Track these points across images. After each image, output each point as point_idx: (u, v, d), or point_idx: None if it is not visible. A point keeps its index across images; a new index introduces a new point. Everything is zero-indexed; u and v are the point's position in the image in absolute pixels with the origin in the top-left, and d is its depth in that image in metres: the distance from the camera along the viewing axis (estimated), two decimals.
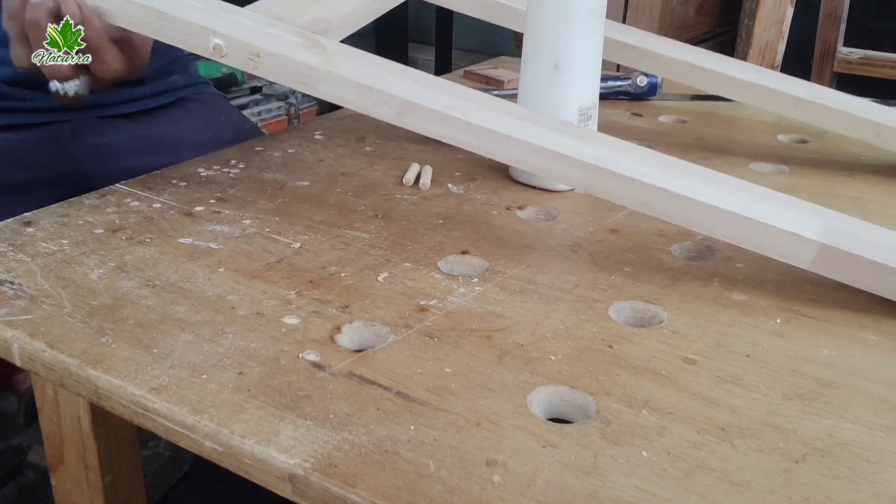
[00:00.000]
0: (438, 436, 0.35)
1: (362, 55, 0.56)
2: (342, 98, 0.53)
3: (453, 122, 0.51)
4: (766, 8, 1.43)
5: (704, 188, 0.49)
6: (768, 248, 0.48)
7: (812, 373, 0.41)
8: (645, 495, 0.32)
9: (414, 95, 0.52)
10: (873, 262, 0.46)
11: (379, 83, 0.52)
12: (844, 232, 0.48)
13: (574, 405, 0.38)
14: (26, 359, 0.42)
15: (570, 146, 0.50)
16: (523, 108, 0.56)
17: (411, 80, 0.54)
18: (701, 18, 1.71)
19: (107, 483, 0.53)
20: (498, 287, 0.48)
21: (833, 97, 0.72)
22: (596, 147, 0.51)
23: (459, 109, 0.51)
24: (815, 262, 0.47)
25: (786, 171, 0.70)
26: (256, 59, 0.53)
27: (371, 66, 0.54)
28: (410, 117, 0.52)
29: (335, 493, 0.32)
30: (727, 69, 0.73)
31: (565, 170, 0.50)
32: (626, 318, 0.46)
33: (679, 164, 0.51)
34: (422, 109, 0.51)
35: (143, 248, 0.52)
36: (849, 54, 1.62)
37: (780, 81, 0.73)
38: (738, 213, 0.47)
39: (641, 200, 0.49)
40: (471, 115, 0.51)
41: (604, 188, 0.50)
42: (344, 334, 0.43)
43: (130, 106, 0.83)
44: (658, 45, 0.75)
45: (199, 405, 0.37)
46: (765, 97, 0.72)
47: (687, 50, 0.76)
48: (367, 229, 0.56)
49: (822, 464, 0.34)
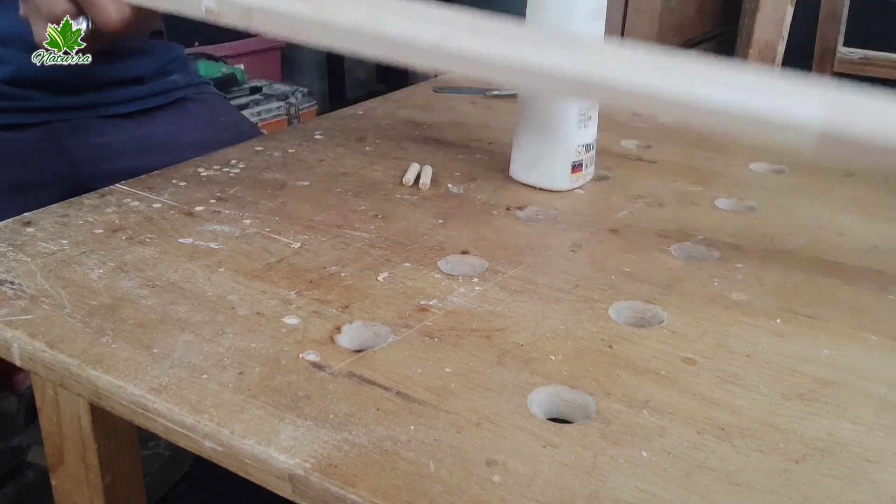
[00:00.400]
0: (438, 436, 0.35)
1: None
2: (336, 45, 0.53)
3: (449, 55, 0.49)
4: (766, 8, 1.43)
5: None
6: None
7: (812, 373, 0.41)
8: (645, 495, 0.32)
9: (406, 33, 0.51)
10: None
11: (370, 26, 0.52)
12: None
13: (574, 405, 0.38)
14: (26, 359, 0.42)
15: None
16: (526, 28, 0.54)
17: (405, 17, 0.53)
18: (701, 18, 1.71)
19: (107, 483, 0.53)
20: (498, 287, 0.48)
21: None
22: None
23: (455, 40, 0.49)
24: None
25: (785, 171, 0.70)
26: (249, 15, 0.53)
27: (364, 8, 0.54)
28: (405, 55, 0.51)
29: (335, 493, 0.32)
30: None
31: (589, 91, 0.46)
32: (626, 318, 0.46)
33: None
34: (414, 46, 0.50)
35: (143, 248, 0.52)
36: (849, 54, 1.62)
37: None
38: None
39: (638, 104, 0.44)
40: (466, 44, 0.49)
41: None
42: (344, 334, 0.43)
43: (130, 106, 0.83)
44: None
45: (199, 405, 0.37)
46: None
47: None
48: (367, 229, 0.56)
49: (822, 464, 0.34)
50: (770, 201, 0.63)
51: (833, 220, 0.60)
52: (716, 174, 0.69)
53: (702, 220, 0.59)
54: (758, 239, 0.56)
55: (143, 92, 0.84)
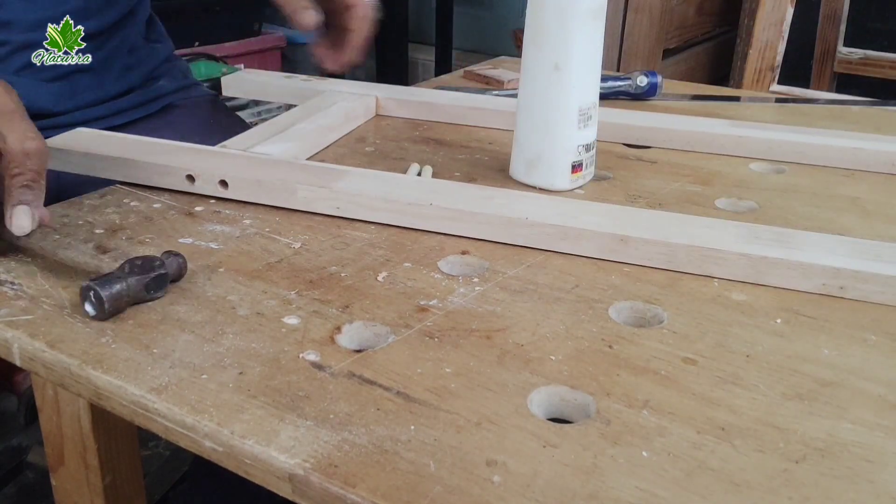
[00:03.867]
0: (438, 436, 0.35)
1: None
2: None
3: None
4: (766, 8, 1.43)
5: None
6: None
7: (812, 373, 0.41)
8: (645, 495, 0.32)
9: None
10: None
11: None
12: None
13: (574, 405, 0.38)
14: (26, 359, 0.42)
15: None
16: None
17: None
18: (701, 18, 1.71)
19: (107, 483, 0.53)
20: (498, 287, 0.48)
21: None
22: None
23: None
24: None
25: (785, 171, 0.70)
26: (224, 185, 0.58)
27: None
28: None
29: (335, 493, 0.32)
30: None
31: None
32: (626, 318, 0.46)
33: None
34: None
35: (143, 248, 0.52)
36: (849, 54, 1.62)
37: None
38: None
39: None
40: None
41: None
42: (344, 334, 0.43)
43: (116, 119, 0.81)
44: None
45: (199, 405, 0.37)
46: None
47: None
48: (367, 229, 0.56)
49: (822, 464, 0.34)
50: (770, 201, 0.63)
51: (833, 221, 0.60)
52: (716, 174, 0.69)
53: None
54: None
55: (129, 103, 0.82)
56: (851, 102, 0.96)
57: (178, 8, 1.89)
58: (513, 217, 0.53)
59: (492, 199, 0.55)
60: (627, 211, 0.55)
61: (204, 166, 0.59)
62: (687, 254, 0.50)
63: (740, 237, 0.51)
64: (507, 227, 0.53)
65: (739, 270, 0.49)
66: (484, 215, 0.54)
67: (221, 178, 0.58)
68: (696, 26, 1.69)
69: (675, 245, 0.50)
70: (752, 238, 0.51)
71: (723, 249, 0.49)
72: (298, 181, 0.57)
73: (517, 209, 0.54)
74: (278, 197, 0.57)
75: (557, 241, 0.53)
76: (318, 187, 0.56)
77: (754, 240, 0.50)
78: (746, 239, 0.50)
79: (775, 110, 0.90)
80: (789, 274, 0.48)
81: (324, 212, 0.57)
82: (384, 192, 0.56)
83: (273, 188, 0.57)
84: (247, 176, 0.58)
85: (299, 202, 0.57)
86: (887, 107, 0.93)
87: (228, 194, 0.58)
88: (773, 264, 0.49)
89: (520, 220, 0.53)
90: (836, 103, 0.95)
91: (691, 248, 0.50)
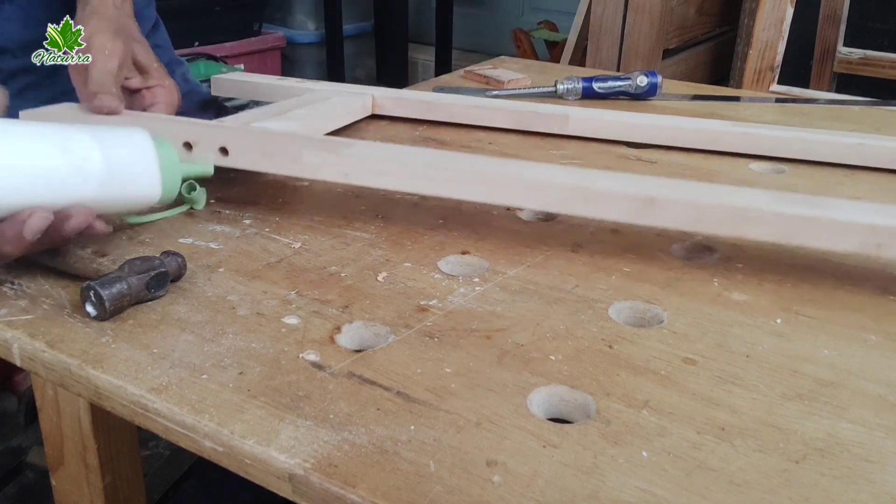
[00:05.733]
0: (438, 436, 0.35)
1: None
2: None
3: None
4: (766, 8, 1.43)
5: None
6: None
7: (812, 373, 0.41)
8: (645, 495, 0.32)
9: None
10: None
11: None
12: None
13: (574, 405, 0.38)
14: (26, 359, 0.42)
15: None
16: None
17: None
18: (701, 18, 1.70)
19: (107, 483, 0.53)
20: (498, 287, 0.48)
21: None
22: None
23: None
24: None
25: (785, 171, 0.70)
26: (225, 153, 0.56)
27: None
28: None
29: (335, 493, 0.32)
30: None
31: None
32: (626, 318, 0.46)
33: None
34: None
35: (143, 248, 0.52)
36: (849, 54, 1.62)
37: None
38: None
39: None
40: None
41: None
42: (344, 334, 0.43)
43: None
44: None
45: (200, 405, 0.37)
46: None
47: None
48: (367, 229, 0.56)
49: (822, 464, 0.34)
50: None
51: None
52: (716, 174, 0.69)
53: None
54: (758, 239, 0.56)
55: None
56: (851, 102, 0.96)
57: (178, 8, 1.89)
58: (533, 179, 0.50)
59: (507, 166, 0.53)
60: (649, 178, 0.52)
61: (202, 133, 0.56)
62: (718, 214, 0.48)
63: (771, 200, 0.49)
64: (527, 189, 0.50)
65: (773, 230, 0.47)
66: (501, 177, 0.51)
67: (222, 146, 0.55)
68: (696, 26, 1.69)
69: (705, 205, 0.48)
70: (783, 201, 0.49)
71: (757, 208, 0.47)
72: (303, 146, 0.54)
73: (536, 174, 0.51)
74: (282, 163, 0.54)
75: (578, 204, 0.50)
76: (326, 152, 0.53)
77: (785, 203, 0.48)
78: (777, 202, 0.48)
79: (775, 110, 0.90)
80: (825, 233, 0.47)
81: (330, 178, 0.54)
82: (394, 155, 0.53)
83: (276, 154, 0.54)
84: (248, 142, 0.55)
85: (305, 169, 0.54)
86: (887, 107, 0.93)
87: (228, 162, 0.56)
88: (809, 223, 0.47)
89: (540, 181, 0.50)
90: (836, 103, 0.95)
91: (723, 208, 0.48)
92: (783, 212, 0.47)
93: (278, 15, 2.37)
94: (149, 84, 0.64)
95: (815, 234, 0.47)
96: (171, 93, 0.64)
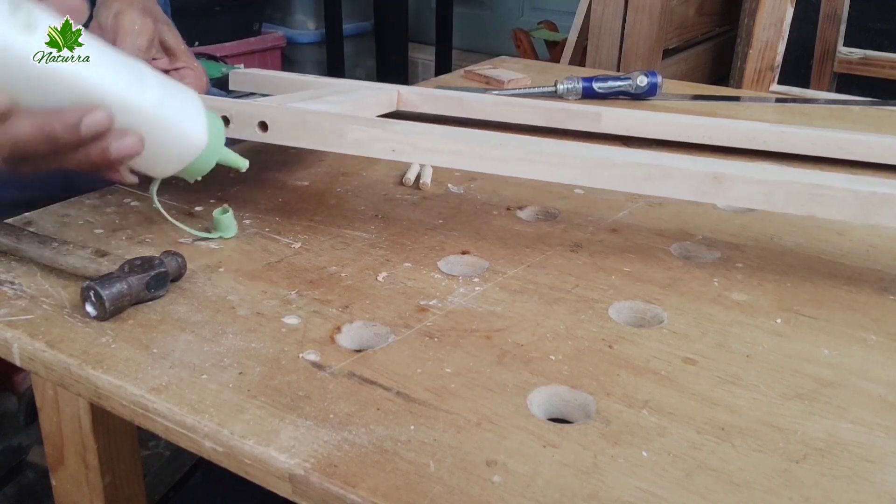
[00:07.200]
0: (438, 436, 0.35)
1: None
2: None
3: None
4: (766, 8, 1.43)
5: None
6: None
7: (812, 373, 0.41)
8: (645, 495, 0.32)
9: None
10: None
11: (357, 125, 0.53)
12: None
13: (574, 405, 0.38)
14: (26, 359, 0.42)
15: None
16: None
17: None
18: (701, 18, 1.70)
19: (107, 483, 0.53)
20: (498, 287, 0.48)
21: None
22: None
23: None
24: None
25: None
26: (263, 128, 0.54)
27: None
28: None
29: (335, 493, 0.32)
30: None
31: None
32: (626, 318, 0.46)
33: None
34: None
35: (143, 248, 0.52)
36: (849, 54, 1.62)
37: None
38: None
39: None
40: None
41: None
42: (344, 334, 0.43)
43: None
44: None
45: (199, 405, 0.37)
46: None
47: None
48: (367, 229, 0.56)
49: (822, 464, 0.34)
50: None
51: (833, 220, 0.60)
52: None
53: (702, 220, 0.59)
54: (758, 239, 0.56)
55: None
56: (851, 102, 0.96)
57: (179, 8, 1.89)
58: (594, 157, 0.49)
59: (566, 145, 0.52)
60: (711, 159, 0.50)
61: (241, 108, 0.54)
62: (787, 192, 0.46)
63: (844, 179, 0.47)
64: (589, 167, 0.49)
65: (846, 209, 0.46)
66: (563, 155, 0.49)
67: (261, 120, 0.53)
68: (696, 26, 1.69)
69: (774, 182, 0.46)
70: (856, 181, 0.47)
71: (829, 185, 0.45)
72: (348, 122, 0.52)
73: (598, 150, 0.49)
74: (326, 139, 0.52)
75: (642, 182, 0.48)
76: (372, 128, 0.52)
77: (859, 182, 0.46)
78: (850, 181, 0.47)
79: (775, 110, 0.90)
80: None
81: (376, 155, 0.52)
82: (447, 132, 0.52)
83: (320, 129, 0.52)
84: (290, 118, 0.53)
85: (349, 145, 0.52)
86: (887, 107, 0.93)
87: (267, 138, 0.54)
88: (885, 200, 0.45)
89: (603, 159, 0.48)
90: (836, 103, 0.95)
91: (793, 185, 0.46)
92: (857, 189, 0.45)
93: (278, 15, 2.37)
94: (176, 66, 0.63)
95: (891, 213, 0.45)
96: (199, 75, 0.64)
